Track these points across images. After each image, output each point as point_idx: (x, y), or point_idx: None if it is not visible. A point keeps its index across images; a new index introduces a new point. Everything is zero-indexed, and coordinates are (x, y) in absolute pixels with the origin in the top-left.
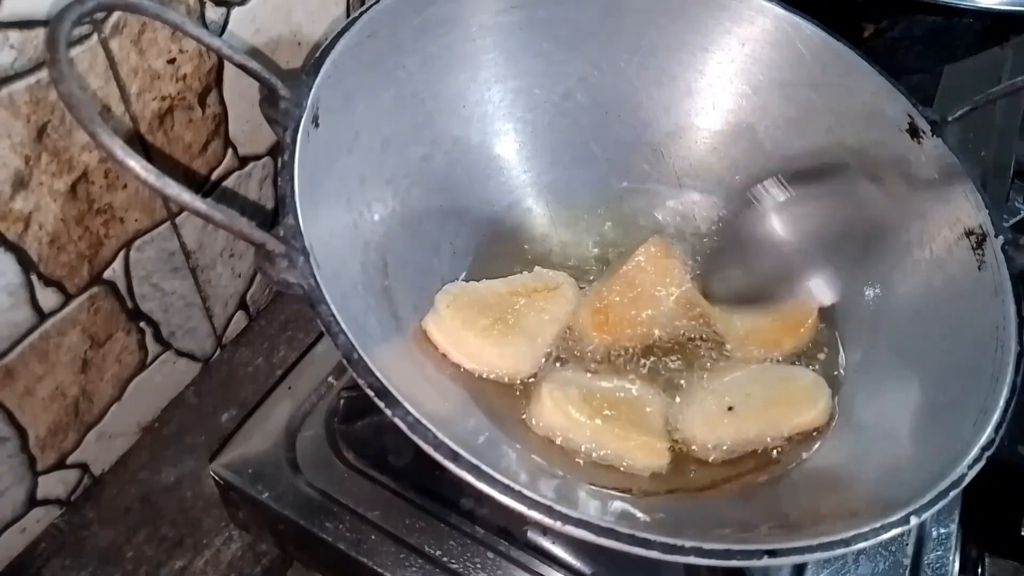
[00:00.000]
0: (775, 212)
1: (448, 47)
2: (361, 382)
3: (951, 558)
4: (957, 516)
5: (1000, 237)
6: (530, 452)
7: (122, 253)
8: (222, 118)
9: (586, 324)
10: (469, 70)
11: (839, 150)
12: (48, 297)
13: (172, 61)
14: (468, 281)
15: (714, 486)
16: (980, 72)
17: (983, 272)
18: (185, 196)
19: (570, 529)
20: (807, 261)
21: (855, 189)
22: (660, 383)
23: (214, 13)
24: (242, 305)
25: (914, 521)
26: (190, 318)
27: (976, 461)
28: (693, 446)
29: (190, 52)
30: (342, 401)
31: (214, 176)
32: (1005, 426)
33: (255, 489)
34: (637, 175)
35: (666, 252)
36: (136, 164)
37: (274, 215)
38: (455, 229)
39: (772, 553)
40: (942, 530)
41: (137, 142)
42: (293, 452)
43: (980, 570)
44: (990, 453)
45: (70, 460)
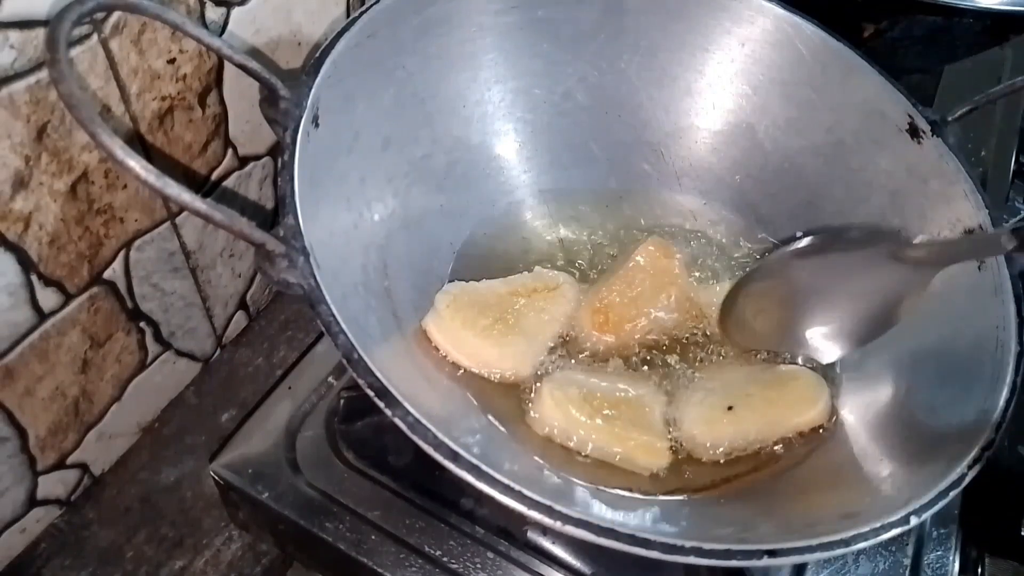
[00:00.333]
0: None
1: (448, 47)
2: (361, 382)
3: (951, 558)
4: (957, 516)
5: None
6: (531, 452)
7: (122, 253)
8: (222, 118)
9: (586, 324)
10: (469, 70)
11: (840, 151)
12: (48, 297)
13: (172, 61)
14: (468, 281)
15: (714, 486)
16: (980, 72)
17: (983, 272)
18: (185, 196)
19: (570, 529)
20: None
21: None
22: (660, 383)
23: (214, 13)
24: (242, 305)
25: (914, 521)
26: (190, 318)
27: (976, 461)
28: (692, 446)
29: (190, 52)
30: (342, 401)
31: (214, 176)
32: (1005, 426)
33: (255, 489)
34: (637, 175)
35: (665, 252)
36: (136, 164)
37: (274, 215)
38: (455, 229)
39: (772, 553)
40: (942, 530)
41: (137, 142)
42: (293, 452)
43: (980, 570)
44: (990, 453)
45: (70, 460)
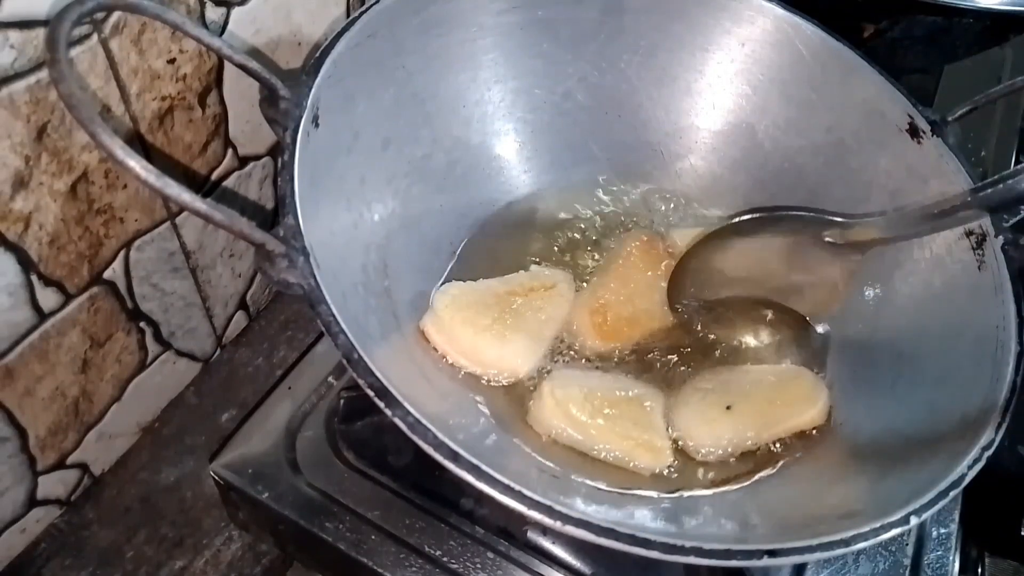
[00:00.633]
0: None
1: (448, 47)
2: (361, 382)
3: (951, 558)
4: (957, 516)
5: (1000, 237)
6: (531, 452)
7: (122, 253)
8: (222, 118)
9: (586, 326)
10: (469, 70)
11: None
12: (48, 297)
13: (172, 61)
14: (466, 281)
15: (714, 485)
16: (980, 72)
17: (983, 272)
18: (185, 196)
19: (570, 529)
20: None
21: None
22: (659, 381)
23: (214, 13)
24: (242, 305)
25: (914, 521)
26: (190, 318)
27: (976, 461)
28: (691, 445)
29: (190, 52)
30: (342, 401)
31: (214, 176)
32: (1005, 426)
33: (255, 489)
34: (637, 175)
35: (651, 244)
36: (136, 164)
37: (274, 215)
38: (455, 229)
39: (772, 553)
40: (942, 530)
41: (137, 142)
42: (293, 452)
43: (980, 570)
44: (990, 453)
45: (70, 460)
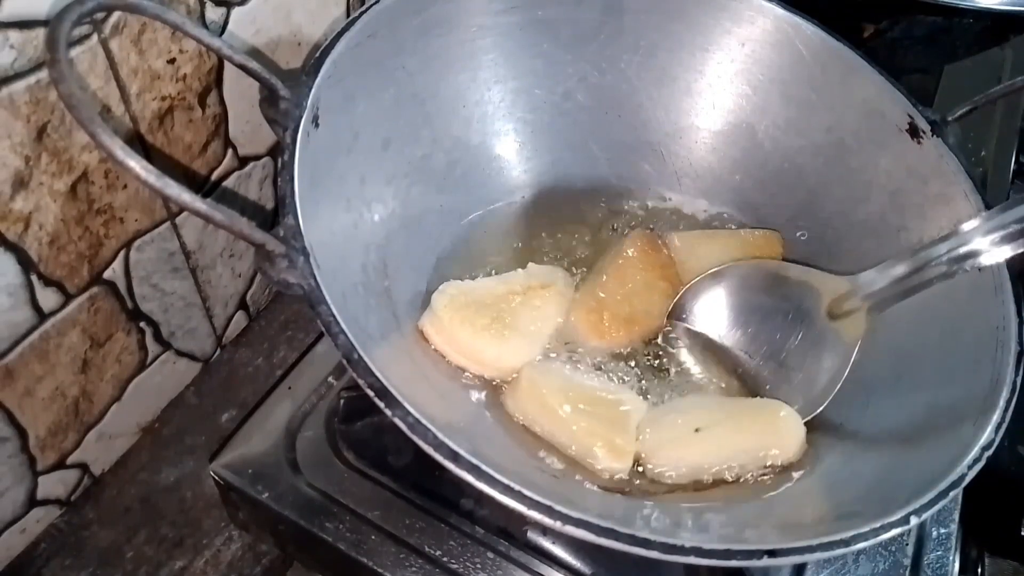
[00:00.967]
0: None
1: (448, 47)
2: (361, 382)
3: (951, 558)
4: (957, 516)
5: None
6: (531, 451)
7: (122, 253)
8: (222, 118)
9: (583, 326)
10: (469, 70)
11: (840, 151)
12: (48, 297)
13: (172, 61)
14: (465, 280)
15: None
16: (980, 72)
17: (983, 272)
18: (185, 196)
19: (570, 529)
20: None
21: None
22: (646, 392)
23: (214, 13)
24: (242, 305)
25: (914, 521)
26: (190, 318)
27: (976, 461)
28: (652, 462)
29: (190, 52)
30: (342, 401)
31: (214, 176)
32: (1005, 426)
33: (255, 489)
34: (637, 175)
35: (651, 244)
36: (136, 164)
37: (274, 215)
38: (455, 229)
39: (772, 553)
40: (942, 530)
41: (137, 142)
42: (293, 452)
43: (980, 570)
44: (990, 453)
45: (70, 460)
